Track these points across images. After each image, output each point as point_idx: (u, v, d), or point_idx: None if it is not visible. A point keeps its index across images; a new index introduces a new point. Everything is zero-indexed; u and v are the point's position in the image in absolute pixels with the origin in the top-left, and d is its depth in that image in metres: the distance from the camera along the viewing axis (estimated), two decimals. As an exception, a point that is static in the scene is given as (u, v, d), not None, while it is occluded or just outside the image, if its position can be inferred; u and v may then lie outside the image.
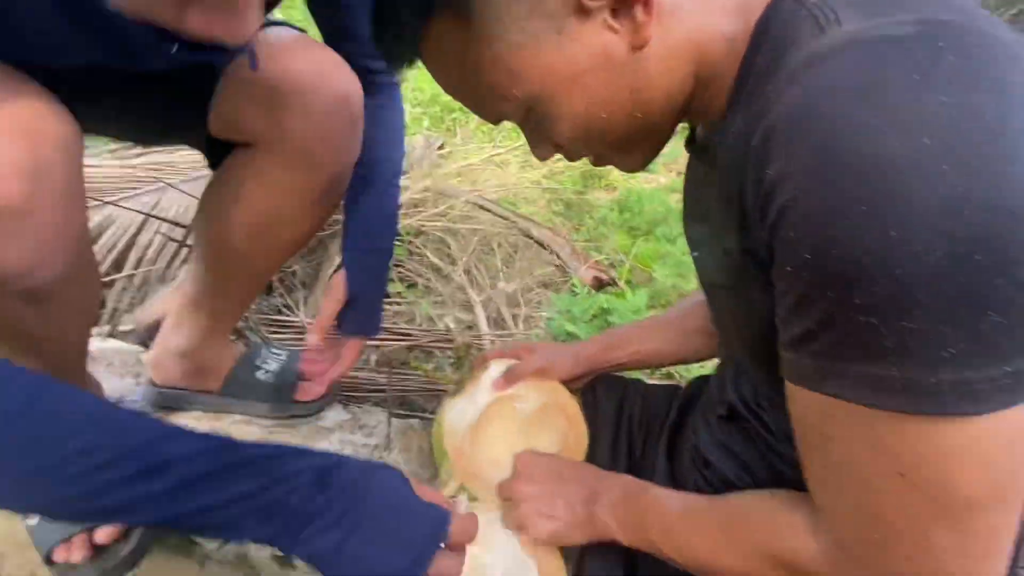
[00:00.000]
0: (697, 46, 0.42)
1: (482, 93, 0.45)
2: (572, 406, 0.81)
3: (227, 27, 0.51)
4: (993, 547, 0.35)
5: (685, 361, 0.81)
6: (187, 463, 0.44)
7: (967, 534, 0.34)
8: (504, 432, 0.78)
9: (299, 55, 0.75)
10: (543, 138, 0.49)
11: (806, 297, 0.34)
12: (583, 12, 0.40)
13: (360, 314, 0.95)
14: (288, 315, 1.81)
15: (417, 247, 2.33)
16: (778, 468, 0.54)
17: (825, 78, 0.32)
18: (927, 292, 0.29)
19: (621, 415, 0.80)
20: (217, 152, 0.82)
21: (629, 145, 0.48)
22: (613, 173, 3.26)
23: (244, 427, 0.99)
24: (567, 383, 0.80)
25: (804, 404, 0.39)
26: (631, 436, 0.77)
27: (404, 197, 2.21)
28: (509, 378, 0.76)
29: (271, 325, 1.71)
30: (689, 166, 0.60)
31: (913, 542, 0.35)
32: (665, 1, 0.41)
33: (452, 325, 2.07)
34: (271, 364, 1.05)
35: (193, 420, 0.98)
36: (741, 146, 0.39)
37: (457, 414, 0.80)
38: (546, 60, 0.41)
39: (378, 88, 0.87)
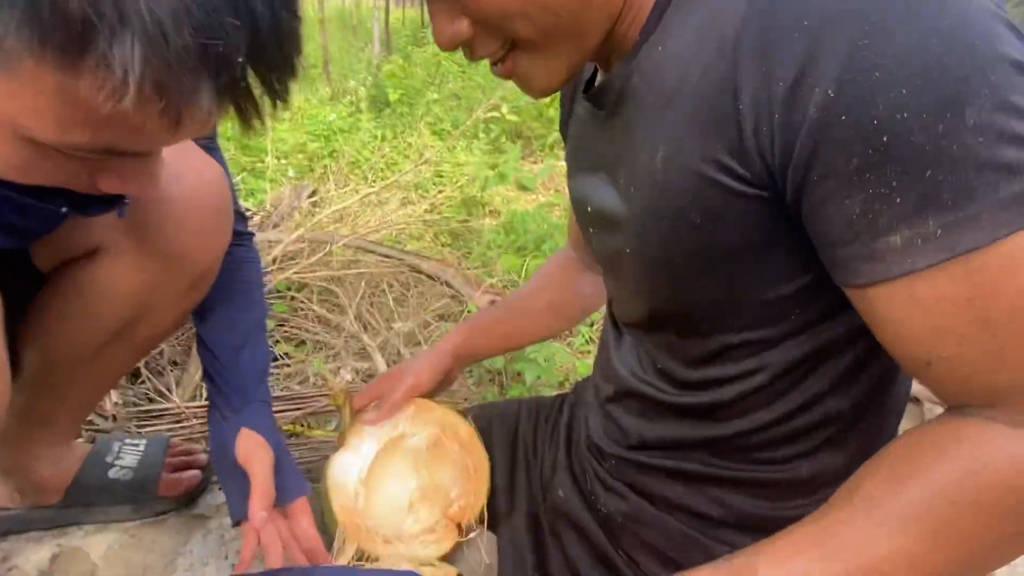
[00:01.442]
0: (593, 22, 0.43)
1: None
2: (464, 428, 0.76)
3: (140, 184, 0.46)
4: None
5: (543, 338, 0.84)
6: None
7: None
8: (399, 475, 0.72)
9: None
10: (458, 9, 0.43)
11: (906, 142, 0.31)
12: None
13: (291, 470, 0.78)
14: (161, 401, 1.61)
15: (301, 302, 2.19)
16: (678, 435, 0.53)
17: None
18: (1017, 92, 0.31)
19: (516, 433, 0.77)
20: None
21: (551, 40, 0.44)
22: (495, 200, 3.31)
23: (97, 536, 0.84)
24: (446, 381, 0.78)
25: (939, 288, 0.33)
26: (527, 452, 0.74)
27: (276, 251, 2.08)
28: (383, 414, 0.71)
29: (142, 417, 1.51)
30: (578, 120, 0.58)
31: None
32: None
33: (349, 377, 1.96)
34: (126, 458, 0.90)
35: (33, 542, 0.82)
36: (700, 57, 0.39)
37: (341, 471, 0.73)
38: None
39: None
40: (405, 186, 3.03)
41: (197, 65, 0.33)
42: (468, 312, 2.15)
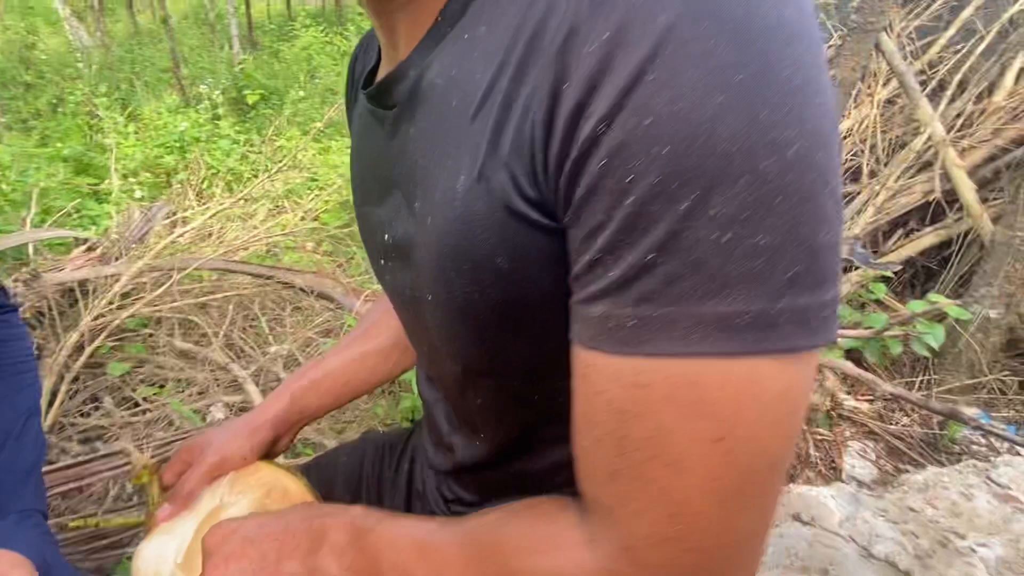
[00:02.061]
0: None
1: None
2: (293, 485, 0.67)
3: None
4: (774, 510, 0.31)
5: (384, 382, 0.72)
6: None
7: (767, 501, 0.30)
8: (226, 553, 0.61)
9: None
10: None
11: (644, 214, 0.26)
12: None
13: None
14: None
15: (159, 338, 1.97)
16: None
17: None
18: (784, 195, 0.25)
19: (360, 480, 0.69)
20: None
21: None
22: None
23: None
24: (271, 454, 0.67)
25: (606, 377, 0.30)
26: (370, 500, 0.66)
27: (118, 286, 1.85)
28: (176, 507, 0.59)
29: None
30: (361, 138, 0.48)
31: (720, 525, 0.30)
32: None
33: (222, 415, 1.79)
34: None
35: None
36: (498, 53, 0.32)
37: (154, 560, 0.62)
38: None
39: None
40: (274, 195, 2.82)
41: None
42: (348, 326, 2.03)
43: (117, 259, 2.04)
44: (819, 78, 0.26)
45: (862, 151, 2.61)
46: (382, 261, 0.48)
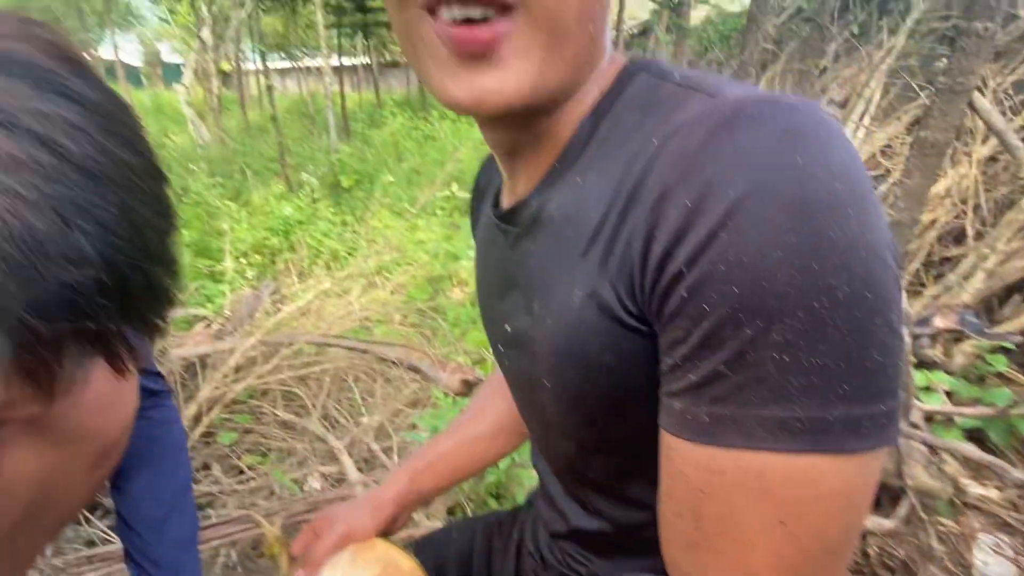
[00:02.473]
0: (584, 69, 0.42)
1: None
2: (406, 563, 0.71)
3: None
4: None
5: (495, 462, 0.77)
6: None
7: None
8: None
9: None
10: None
11: (717, 336, 0.33)
12: None
13: None
14: (111, 542, 1.51)
15: (264, 409, 2.12)
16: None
17: (741, 125, 0.34)
18: (834, 327, 0.31)
19: (471, 556, 0.72)
20: None
21: (558, 24, 0.39)
22: (462, 271, 3.31)
23: None
24: (384, 534, 0.71)
25: (686, 460, 0.36)
26: (480, 572, 0.69)
27: (233, 360, 2.02)
28: (310, 567, 0.65)
29: (88, 562, 1.41)
30: (487, 244, 0.57)
31: None
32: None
33: (318, 485, 1.87)
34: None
35: None
36: (601, 197, 0.40)
37: (280, 625, 0.67)
38: None
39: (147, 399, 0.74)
40: (367, 272, 3.02)
41: (68, 347, 0.29)
42: (436, 398, 2.09)
43: (230, 335, 2.23)
44: (866, 235, 0.32)
45: (964, 212, 2.47)
46: (501, 348, 0.55)
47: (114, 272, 0.30)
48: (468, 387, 2.19)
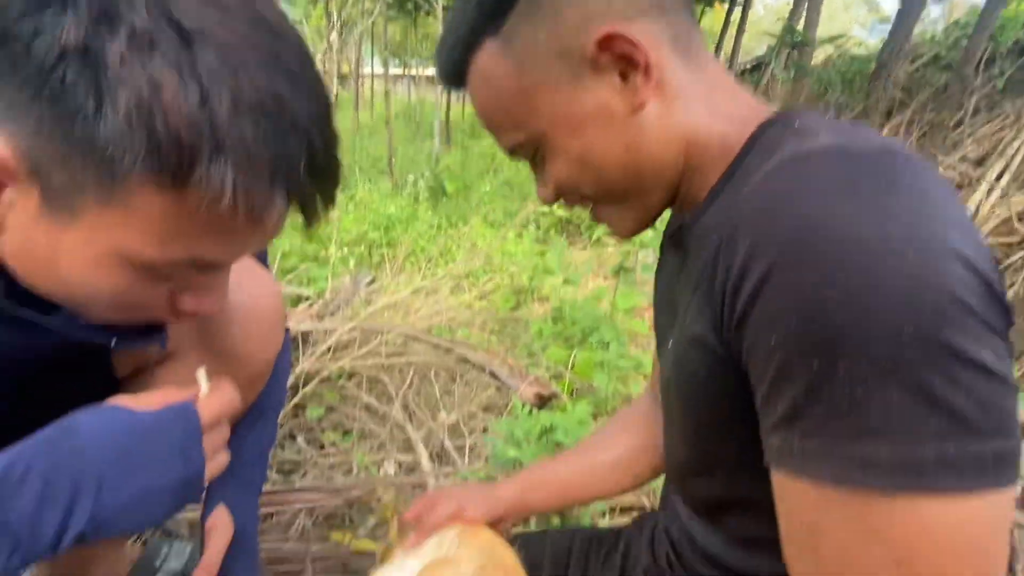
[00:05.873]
0: (693, 133, 0.49)
1: (504, 120, 0.51)
2: (510, 558, 0.74)
3: (212, 302, 0.53)
4: None
5: (607, 496, 0.77)
6: None
7: None
8: (439, 599, 0.69)
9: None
10: (546, 177, 0.53)
11: (789, 367, 0.34)
12: (597, 67, 0.47)
13: (250, 554, 0.80)
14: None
15: (350, 390, 2.25)
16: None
17: (805, 171, 0.37)
18: (904, 366, 0.31)
19: (568, 565, 0.74)
20: None
21: (619, 198, 0.52)
22: (545, 287, 3.36)
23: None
24: (492, 528, 0.74)
25: (794, 496, 0.37)
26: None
27: (331, 340, 2.16)
28: (420, 534, 0.69)
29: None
30: (662, 258, 0.65)
31: None
32: (671, 85, 0.48)
33: (392, 471, 1.95)
34: (172, 562, 0.93)
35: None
36: (713, 234, 0.43)
37: (384, 585, 0.71)
38: (559, 100, 0.48)
39: None
40: (457, 275, 3.13)
41: (273, 177, 0.41)
42: (514, 407, 2.13)
43: (329, 316, 2.39)
44: (929, 277, 0.32)
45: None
46: (662, 359, 0.60)
47: (312, 152, 0.42)
48: (542, 401, 2.22)
